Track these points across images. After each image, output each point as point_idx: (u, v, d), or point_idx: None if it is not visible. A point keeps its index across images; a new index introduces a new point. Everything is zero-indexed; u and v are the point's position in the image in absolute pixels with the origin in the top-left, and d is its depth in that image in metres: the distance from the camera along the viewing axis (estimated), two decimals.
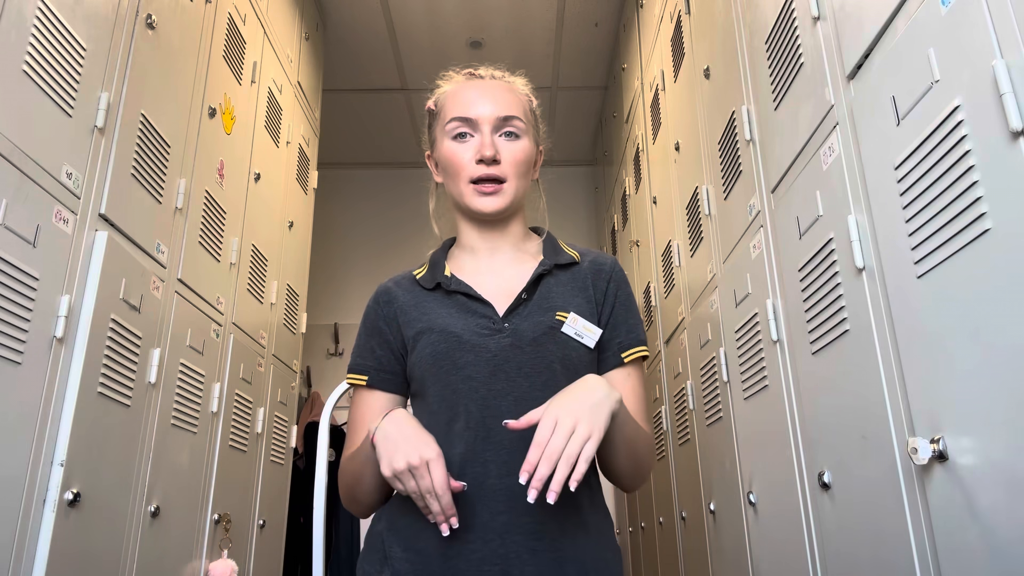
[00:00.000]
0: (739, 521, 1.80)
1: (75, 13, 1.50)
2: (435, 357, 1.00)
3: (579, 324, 1.02)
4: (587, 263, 1.10)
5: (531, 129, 1.10)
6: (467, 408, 0.97)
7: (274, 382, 2.71)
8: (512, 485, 0.92)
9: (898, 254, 1.05)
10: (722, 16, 1.87)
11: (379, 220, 4.68)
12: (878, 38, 1.11)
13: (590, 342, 1.02)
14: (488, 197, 1.04)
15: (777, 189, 1.52)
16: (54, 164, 1.42)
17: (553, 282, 1.06)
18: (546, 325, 1.01)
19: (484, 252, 1.10)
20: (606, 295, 1.07)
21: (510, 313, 1.02)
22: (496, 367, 0.98)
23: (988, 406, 0.86)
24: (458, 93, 1.09)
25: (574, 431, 0.81)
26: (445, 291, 1.06)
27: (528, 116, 1.10)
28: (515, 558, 0.90)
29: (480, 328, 1.00)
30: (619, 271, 1.10)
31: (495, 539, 0.91)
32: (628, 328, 1.06)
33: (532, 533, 0.91)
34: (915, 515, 1.03)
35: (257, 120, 2.62)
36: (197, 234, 2.07)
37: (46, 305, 1.39)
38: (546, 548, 0.91)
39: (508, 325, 1.00)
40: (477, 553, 0.90)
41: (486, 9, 3.55)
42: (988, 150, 0.86)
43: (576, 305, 1.04)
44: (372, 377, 1.06)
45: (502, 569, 0.90)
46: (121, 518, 1.64)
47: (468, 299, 1.04)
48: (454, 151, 1.05)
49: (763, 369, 1.62)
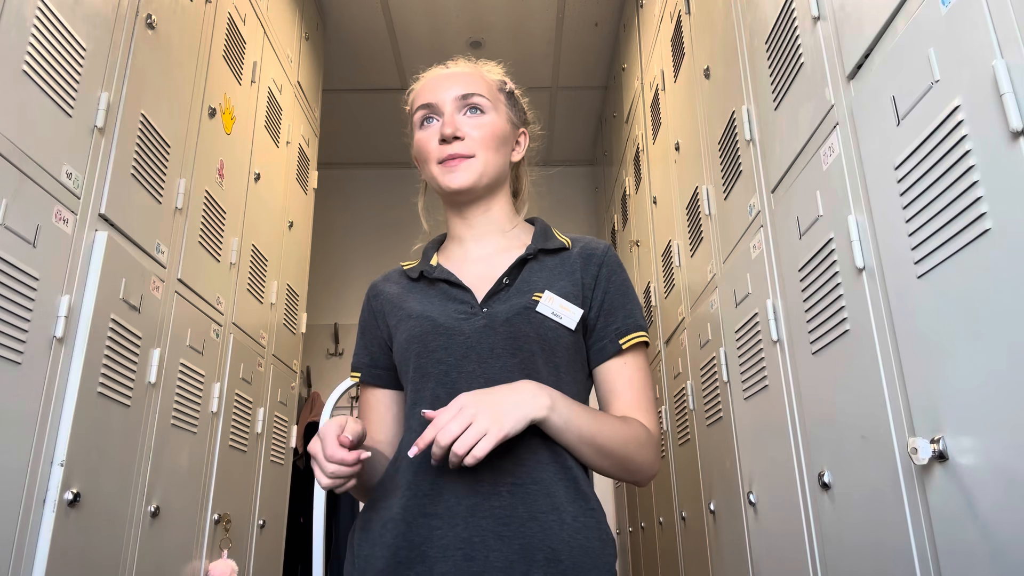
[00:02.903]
0: (739, 521, 1.80)
1: (75, 13, 1.50)
2: (409, 342, 1.00)
3: (555, 303, 0.98)
4: (578, 248, 1.06)
5: (501, 107, 1.09)
6: (435, 392, 0.96)
7: (274, 382, 2.71)
8: (477, 469, 0.89)
9: (898, 254, 1.05)
10: (722, 16, 1.87)
11: (379, 220, 4.68)
12: (878, 38, 1.11)
13: (569, 322, 0.98)
14: (455, 173, 1.03)
15: (777, 189, 1.52)
16: (54, 164, 1.42)
17: (537, 267, 1.04)
18: (521, 305, 0.98)
19: (470, 240, 1.09)
20: (597, 280, 1.03)
21: (490, 298, 1.00)
22: (468, 349, 0.96)
23: (988, 406, 0.86)
24: (423, 85, 1.10)
25: (471, 424, 0.81)
26: (428, 280, 1.06)
27: (494, 94, 1.09)
28: (480, 543, 0.88)
29: (457, 313, 0.99)
30: (612, 256, 1.06)
31: (460, 523, 0.89)
32: (625, 313, 1.02)
33: (499, 518, 0.89)
34: (915, 515, 1.03)
35: (257, 120, 2.62)
36: (197, 234, 2.07)
37: (46, 305, 1.39)
38: (513, 534, 0.88)
39: (486, 309, 0.99)
40: (443, 539, 0.89)
41: (486, 9, 3.55)
42: (988, 150, 0.86)
43: (559, 288, 1.01)
44: (365, 374, 1.09)
45: (465, 554, 0.87)
46: (121, 518, 1.64)
47: (450, 286, 1.03)
48: (420, 138, 1.07)
49: (763, 369, 1.62)
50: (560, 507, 0.90)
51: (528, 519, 0.89)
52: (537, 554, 0.87)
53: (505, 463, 0.91)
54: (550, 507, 0.90)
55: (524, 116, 1.15)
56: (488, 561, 0.87)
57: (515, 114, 1.12)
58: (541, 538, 0.88)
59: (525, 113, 1.16)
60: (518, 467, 0.91)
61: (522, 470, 0.91)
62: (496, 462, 0.90)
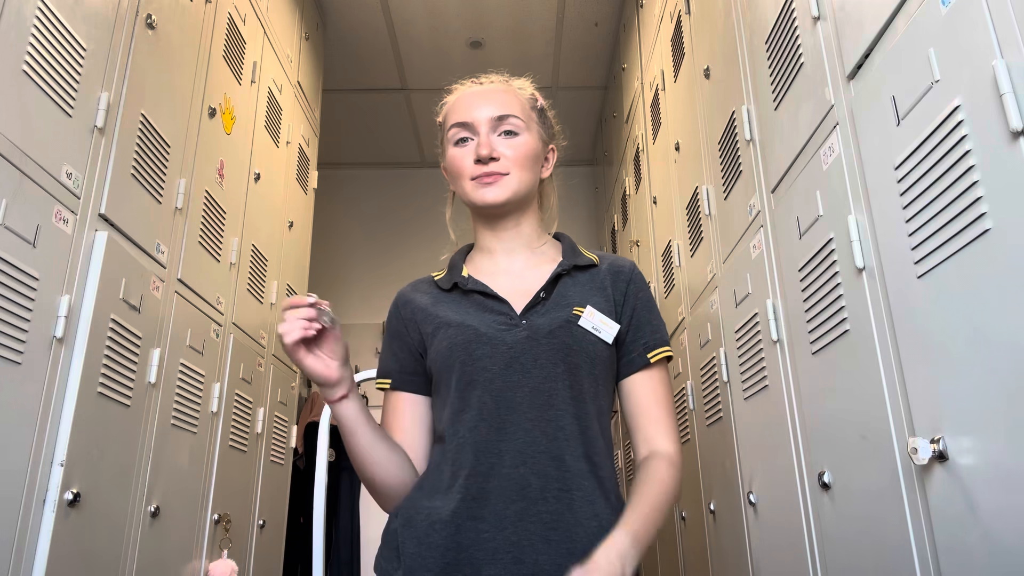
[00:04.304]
0: (739, 521, 1.80)
1: (75, 13, 1.50)
2: (451, 349, 1.01)
3: (596, 318, 1.03)
4: (606, 265, 1.11)
5: (533, 125, 1.12)
6: (481, 399, 0.98)
7: (274, 382, 2.71)
8: (526, 475, 0.94)
9: (898, 254, 1.05)
10: (722, 16, 1.87)
11: (379, 220, 4.68)
12: (878, 38, 1.11)
13: (607, 337, 1.03)
14: (488, 187, 1.06)
15: (777, 189, 1.52)
16: (54, 164, 1.42)
17: (571, 282, 1.08)
18: (563, 319, 1.02)
19: (500, 253, 1.12)
20: (626, 296, 1.08)
21: (528, 311, 1.03)
22: (512, 359, 0.99)
23: (988, 406, 0.86)
24: (458, 101, 1.12)
25: None
26: (462, 291, 1.08)
27: (527, 113, 1.12)
28: (528, 546, 0.91)
29: (497, 324, 1.02)
30: (638, 274, 1.12)
31: (508, 527, 0.92)
32: (652, 328, 1.07)
33: (547, 523, 0.92)
34: (915, 515, 1.03)
35: (257, 120, 2.62)
36: (197, 234, 2.07)
37: (46, 305, 1.39)
38: (561, 538, 0.92)
39: (525, 321, 1.02)
40: (492, 542, 0.92)
41: (486, 9, 3.55)
42: (988, 150, 0.86)
43: (595, 303, 1.05)
44: (395, 380, 1.09)
45: (515, 557, 0.91)
46: (121, 518, 1.64)
47: (485, 298, 1.05)
48: (455, 156, 1.09)
49: (763, 369, 1.62)
50: (600, 515, 0.95)
51: (574, 524, 0.93)
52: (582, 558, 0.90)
53: (550, 470, 0.95)
54: (591, 514, 0.94)
55: (552, 131, 1.19)
56: (538, 564, 0.91)
57: (545, 131, 1.16)
58: (585, 543, 0.91)
59: (553, 128, 1.19)
60: (564, 474, 0.95)
61: (567, 477, 0.95)
62: (544, 469, 0.94)
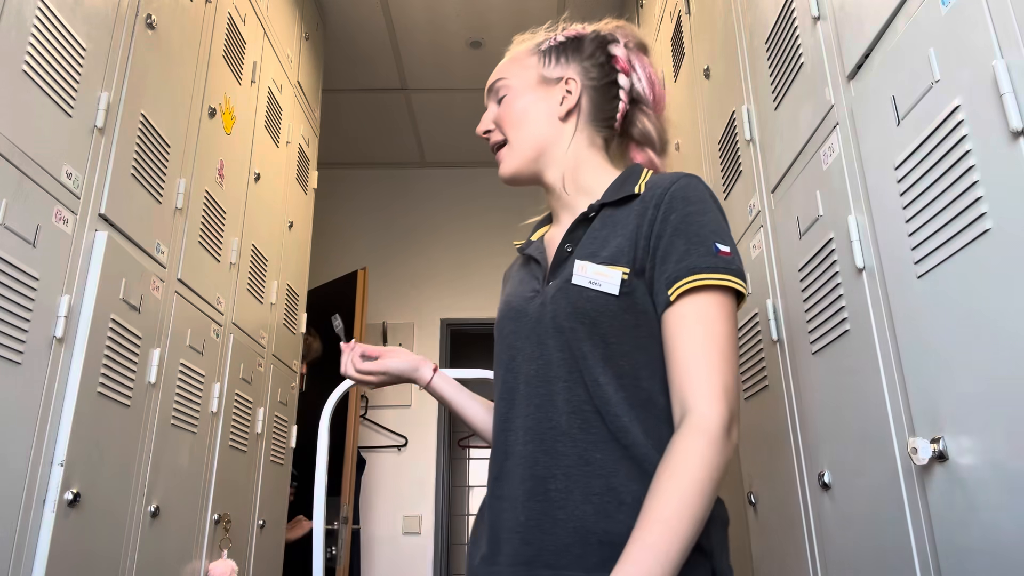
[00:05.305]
0: (739, 521, 1.80)
1: (75, 13, 1.50)
2: (495, 325, 1.02)
3: (589, 271, 0.89)
4: (647, 192, 0.93)
5: (527, 73, 1.06)
6: (504, 377, 0.97)
7: (274, 382, 2.71)
8: (534, 452, 0.88)
9: (898, 254, 1.05)
10: (722, 16, 1.87)
11: (379, 220, 4.68)
12: (878, 38, 1.10)
13: (610, 288, 0.87)
14: (500, 165, 1.05)
15: (777, 189, 1.52)
16: (54, 164, 1.42)
17: (599, 225, 0.94)
18: (565, 278, 0.91)
19: (562, 214, 1.04)
20: (653, 225, 0.89)
21: (554, 271, 0.95)
22: (530, 331, 0.94)
23: (988, 406, 0.86)
24: None
25: None
26: (525, 257, 1.06)
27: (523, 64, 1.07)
28: (535, 526, 0.85)
29: (528, 292, 0.98)
30: (678, 190, 0.90)
31: (519, 507, 0.88)
32: (679, 256, 0.86)
33: (555, 501, 0.85)
34: (915, 515, 1.03)
35: (257, 120, 2.62)
36: (197, 234, 2.07)
37: (46, 305, 1.39)
38: (568, 516, 0.84)
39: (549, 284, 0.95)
40: (508, 522, 0.89)
41: (486, 9, 3.55)
42: (988, 150, 0.86)
43: (614, 246, 0.91)
44: None
45: (523, 537, 0.86)
46: (121, 518, 1.64)
47: (536, 264, 1.01)
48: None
49: (763, 369, 1.62)
50: (617, 488, 0.84)
51: (582, 501, 0.84)
52: (591, 537, 0.83)
53: (559, 445, 0.87)
54: (605, 488, 0.84)
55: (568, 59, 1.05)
56: (543, 544, 0.85)
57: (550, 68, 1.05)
58: (595, 520, 0.83)
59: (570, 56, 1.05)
60: (573, 448, 0.87)
61: (577, 451, 0.86)
62: (552, 445, 0.87)
